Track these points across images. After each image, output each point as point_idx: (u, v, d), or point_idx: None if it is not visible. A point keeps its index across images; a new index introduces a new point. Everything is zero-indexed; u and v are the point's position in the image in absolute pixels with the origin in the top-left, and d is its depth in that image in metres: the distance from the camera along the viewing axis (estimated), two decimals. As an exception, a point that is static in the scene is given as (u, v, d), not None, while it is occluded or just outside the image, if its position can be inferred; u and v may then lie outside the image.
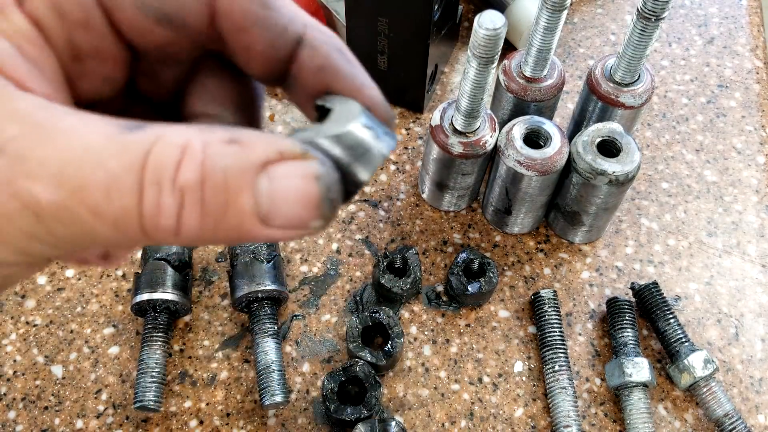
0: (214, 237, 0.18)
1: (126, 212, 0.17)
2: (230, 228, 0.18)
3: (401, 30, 0.54)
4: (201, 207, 0.17)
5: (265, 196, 0.17)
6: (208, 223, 0.17)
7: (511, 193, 0.50)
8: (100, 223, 0.17)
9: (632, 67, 0.48)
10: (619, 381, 0.46)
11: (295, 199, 0.18)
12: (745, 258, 0.54)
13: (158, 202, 0.17)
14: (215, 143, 0.17)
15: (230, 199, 0.17)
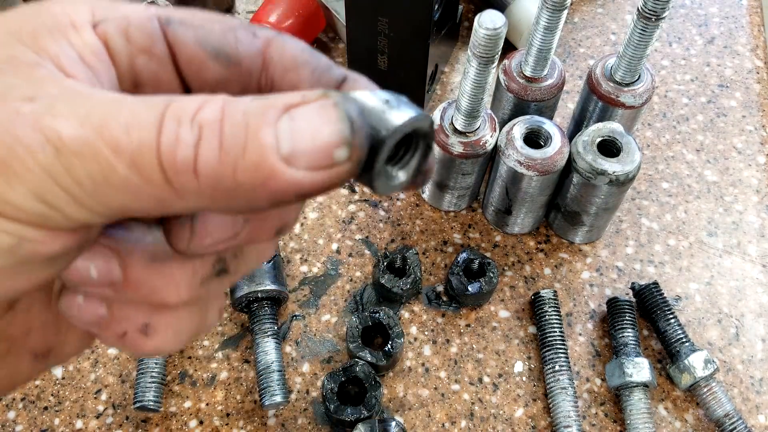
0: (233, 178, 0.17)
1: (143, 145, 0.17)
2: (251, 166, 0.17)
3: (401, 30, 0.54)
4: (219, 139, 0.17)
5: (286, 132, 0.17)
6: (227, 158, 0.17)
7: (512, 193, 0.50)
8: (117, 159, 0.17)
9: (632, 66, 0.48)
10: (620, 381, 0.46)
11: (317, 129, 0.17)
12: (746, 258, 0.54)
13: (176, 135, 0.17)
14: (236, 100, 0.18)
15: (250, 134, 0.17)
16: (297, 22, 0.61)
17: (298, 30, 0.61)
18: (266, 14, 0.61)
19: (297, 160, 0.17)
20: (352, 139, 0.18)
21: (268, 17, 0.61)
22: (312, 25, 0.63)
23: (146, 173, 0.17)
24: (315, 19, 0.63)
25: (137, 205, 0.18)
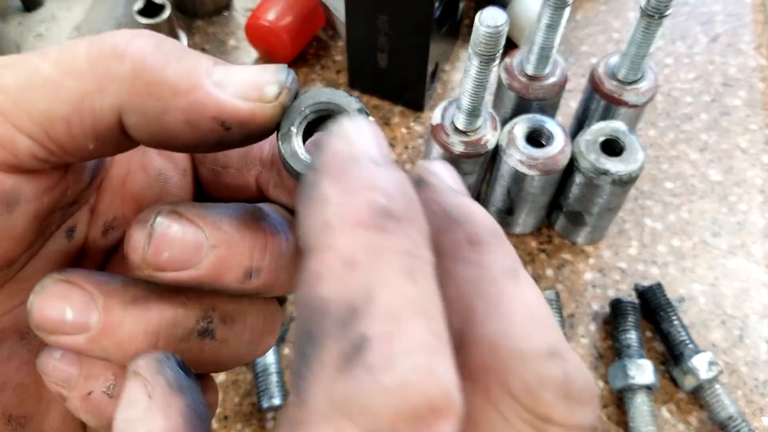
0: (162, 73, 0.17)
1: (72, 42, 0.18)
2: (182, 70, 0.17)
3: (401, 27, 0.53)
4: (158, 40, 0.18)
5: (222, 69, 0.18)
6: (160, 53, 0.17)
7: (513, 193, 0.50)
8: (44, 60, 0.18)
9: (636, 64, 0.48)
10: (623, 383, 0.45)
11: (251, 70, 0.18)
12: (750, 259, 0.53)
13: (110, 34, 0.18)
14: None
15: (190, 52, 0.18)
16: (296, 20, 0.60)
17: (297, 27, 0.61)
18: (264, 11, 0.60)
19: (226, 86, 0.18)
20: (285, 83, 0.18)
21: (266, 15, 0.60)
22: (311, 22, 0.63)
23: (68, 64, 0.17)
24: (314, 17, 0.63)
25: (59, 107, 0.17)
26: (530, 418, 0.14)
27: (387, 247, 0.13)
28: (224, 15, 0.68)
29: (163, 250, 0.19)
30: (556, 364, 0.15)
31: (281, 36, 0.60)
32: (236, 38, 0.66)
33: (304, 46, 0.64)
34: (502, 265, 0.16)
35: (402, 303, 0.13)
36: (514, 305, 0.15)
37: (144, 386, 0.18)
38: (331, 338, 0.13)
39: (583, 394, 0.15)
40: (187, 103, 0.17)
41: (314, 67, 0.64)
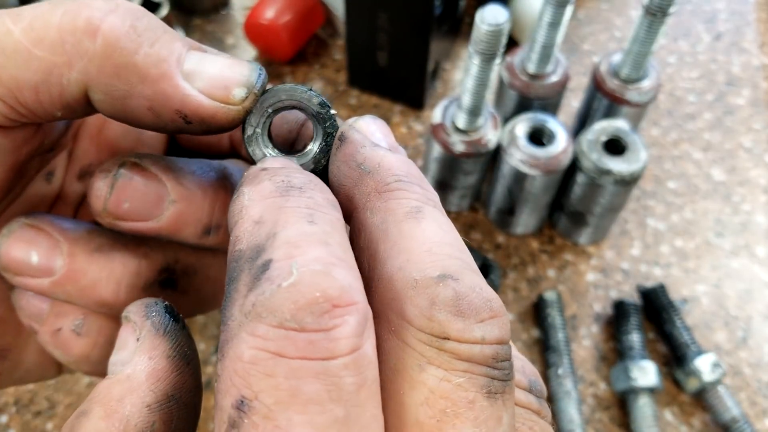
0: (132, 57, 0.17)
1: (45, 9, 0.17)
2: (150, 56, 0.17)
3: (401, 25, 0.53)
4: (134, 19, 0.17)
5: (195, 57, 0.18)
6: (133, 35, 0.17)
7: (515, 193, 0.49)
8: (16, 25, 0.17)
9: (638, 63, 0.47)
10: (625, 385, 0.45)
11: (223, 64, 0.18)
12: (754, 259, 0.53)
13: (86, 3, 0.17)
14: None
15: (165, 35, 0.18)
16: (295, 18, 0.60)
17: (296, 26, 0.60)
18: (263, 10, 0.60)
19: (195, 80, 0.18)
20: (254, 87, 0.18)
21: (265, 13, 0.59)
22: (310, 20, 0.62)
23: (39, 32, 0.17)
24: (313, 15, 0.62)
25: (28, 75, 0.17)
26: (428, 339, 0.15)
27: (288, 205, 0.16)
28: (222, 13, 0.68)
29: (124, 201, 0.20)
30: (447, 286, 0.16)
31: (280, 34, 0.59)
32: (234, 36, 0.66)
33: (303, 45, 0.64)
34: (405, 206, 0.17)
35: (301, 236, 0.15)
36: (412, 241, 0.17)
37: (133, 330, 0.18)
38: (244, 272, 0.15)
39: (478, 308, 0.16)
40: (152, 91, 0.17)
41: (313, 66, 0.64)
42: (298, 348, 0.14)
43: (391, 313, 0.16)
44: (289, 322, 0.14)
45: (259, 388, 0.13)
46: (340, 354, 0.14)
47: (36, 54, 0.17)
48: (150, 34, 0.17)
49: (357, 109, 0.61)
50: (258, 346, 0.14)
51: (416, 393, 0.15)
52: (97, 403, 0.17)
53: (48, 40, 0.17)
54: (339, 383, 0.14)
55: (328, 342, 0.14)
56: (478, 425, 0.15)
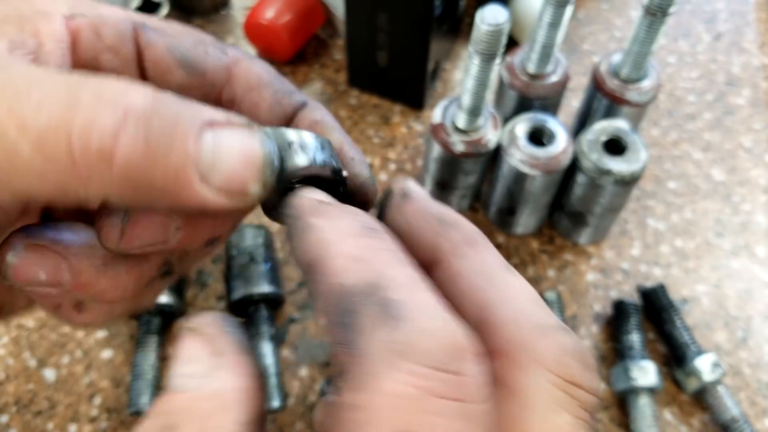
0: (147, 176, 0.17)
1: (52, 123, 0.16)
2: (167, 171, 0.17)
3: (401, 25, 0.53)
4: (145, 133, 0.16)
5: (209, 147, 0.17)
6: (149, 153, 0.16)
7: (515, 193, 0.49)
8: (22, 137, 0.16)
9: (638, 63, 0.47)
10: (625, 385, 0.45)
11: (238, 155, 0.18)
12: (754, 260, 0.53)
13: (94, 115, 0.16)
14: (168, 95, 0.18)
15: (178, 136, 0.17)
16: (295, 18, 0.60)
17: (296, 26, 0.60)
18: (263, 10, 0.60)
19: (212, 179, 0.17)
20: (269, 182, 0.18)
21: (265, 13, 0.59)
22: (310, 20, 0.62)
23: (51, 154, 0.16)
24: (313, 15, 0.62)
25: (41, 190, 0.17)
26: (561, 383, 0.17)
27: (381, 247, 0.17)
28: (222, 13, 0.68)
29: (135, 240, 0.20)
30: (569, 336, 0.17)
31: (280, 34, 0.59)
32: (234, 36, 0.66)
33: (303, 45, 0.64)
34: (497, 259, 0.19)
35: (405, 279, 0.16)
36: (519, 291, 0.18)
37: (206, 343, 0.18)
38: (364, 306, 0.16)
39: (591, 362, 0.17)
40: (172, 200, 0.17)
41: (313, 66, 0.64)
42: (448, 389, 0.15)
43: (520, 353, 0.17)
44: (441, 363, 0.15)
45: (416, 423, 0.14)
46: (481, 399, 0.15)
47: (49, 174, 0.16)
48: (164, 140, 0.17)
49: (357, 109, 0.61)
50: (411, 383, 0.15)
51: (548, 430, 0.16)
52: (186, 419, 0.16)
53: (62, 163, 0.16)
54: (480, 422, 0.15)
55: (472, 386, 0.15)
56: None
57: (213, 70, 0.24)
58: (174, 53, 0.23)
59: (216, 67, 0.24)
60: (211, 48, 0.24)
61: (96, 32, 0.22)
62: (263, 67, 0.24)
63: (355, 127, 0.60)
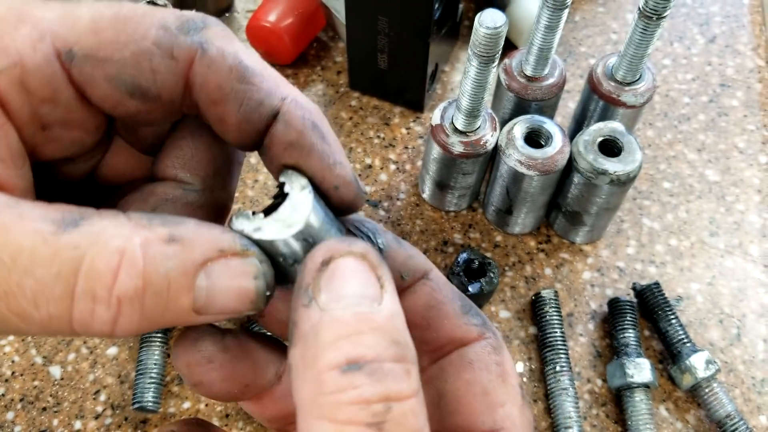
0: (146, 331, 0.19)
1: (54, 319, 0.17)
2: (163, 322, 0.18)
3: (401, 29, 0.54)
4: (140, 312, 0.17)
5: (203, 294, 0.18)
6: (145, 323, 0.18)
7: (512, 193, 0.50)
8: (27, 325, 0.17)
9: (634, 66, 0.48)
10: (621, 382, 0.46)
11: (232, 296, 0.19)
12: (747, 258, 0.54)
13: (92, 312, 0.17)
14: (155, 243, 0.17)
15: (171, 299, 0.18)
16: (296, 21, 0.61)
17: (298, 29, 0.61)
18: (265, 13, 0.60)
19: (207, 312, 0.19)
20: (263, 306, 0.19)
21: (267, 16, 0.60)
22: (312, 24, 0.63)
23: (57, 333, 0.17)
24: (315, 18, 0.63)
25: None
26: None
27: None
28: (225, 16, 0.69)
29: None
30: None
31: (282, 37, 0.60)
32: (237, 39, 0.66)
33: (305, 48, 0.64)
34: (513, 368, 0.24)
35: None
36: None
37: (372, 268, 0.19)
38: None
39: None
40: (173, 325, 0.19)
41: (315, 68, 0.64)
42: None
43: None
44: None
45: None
46: None
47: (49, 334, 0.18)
48: (158, 311, 0.18)
49: (358, 111, 0.62)
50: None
51: None
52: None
53: (66, 334, 0.18)
54: None
55: None
56: None
57: (167, 91, 0.20)
58: (118, 84, 0.20)
59: (168, 83, 0.20)
60: (157, 60, 0.20)
61: (22, 87, 0.19)
62: (223, 67, 0.20)
63: (356, 129, 0.60)
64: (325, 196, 0.22)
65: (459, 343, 0.24)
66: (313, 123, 0.21)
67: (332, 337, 0.17)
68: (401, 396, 0.17)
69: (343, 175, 0.22)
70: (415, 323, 0.24)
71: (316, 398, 0.17)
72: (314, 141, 0.21)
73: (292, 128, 0.21)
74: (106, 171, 0.25)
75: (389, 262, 0.23)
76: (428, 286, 0.24)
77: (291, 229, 0.20)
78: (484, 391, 0.23)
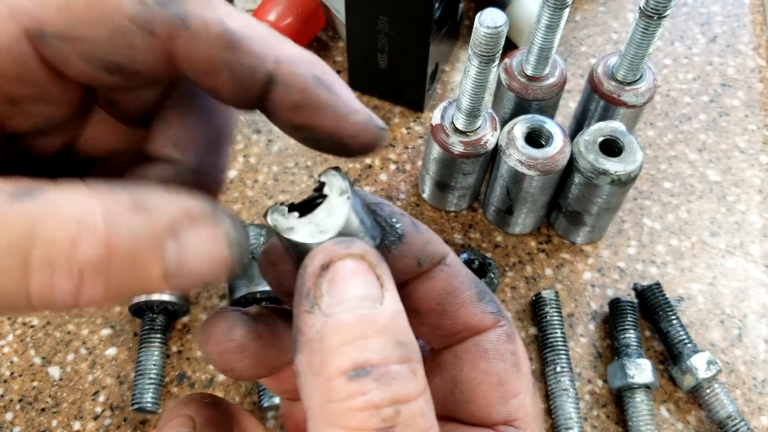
0: (115, 301, 0.18)
1: (9, 293, 0.16)
2: (133, 291, 0.17)
3: (402, 28, 0.53)
4: (105, 282, 0.17)
5: (173, 260, 0.17)
6: (112, 293, 0.17)
7: (513, 193, 0.50)
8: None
9: (634, 65, 0.48)
10: (622, 382, 0.46)
11: (204, 262, 0.18)
12: (748, 258, 0.54)
13: (51, 283, 0.16)
14: (118, 212, 0.16)
15: (138, 269, 0.17)
16: (296, 21, 0.61)
17: (298, 28, 0.61)
18: (265, 12, 0.60)
19: (178, 281, 0.18)
20: (238, 272, 0.19)
21: (267, 16, 0.60)
22: (311, 23, 0.63)
23: (14, 309, 0.17)
24: (314, 18, 0.63)
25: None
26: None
27: None
28: (224, 16, 0.68)
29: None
30: None
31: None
32: (236, 39, 0.66)
33: (305, 47, 0.64)
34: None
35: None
36: None
37: (370, 269, 0.19)
38: None
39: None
40: (143, 293, 0.19)
41: (314, 68, 0.64)
42: None
43: None
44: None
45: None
46: None
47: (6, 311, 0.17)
48: (126, 280, 0.17)
49: (357, 111, 0.61)
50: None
51: None
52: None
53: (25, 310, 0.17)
54: None
55: None
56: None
57: (147, 63, 0.19)
58: (94, 62, 0.19)
59: (148, 58, 0.19)
60: (133, 37, 0.18)
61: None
62: (208, 38, 0.19)
63: (356, 129, 0.60)
64: (346, 146, 0.21)
65: (474, 331, 0.24)
66: (316, 77, 0.20)
67: (337, 342, 0.17)
68: (409, 397, 0.17)
69: (360, 121, 0.20)
70: (431, 309, 0.24)
71: (326, 405, 0.17)
72: (321, 96, 0.20)
73: (294, 89, 0.19)
74: (86, 144, 0.23)
75: (407, 248, 0.22)
76: (445, 272, 0.23)
77: (323, 235, 0.20)
78: (500, 381, 0.23)
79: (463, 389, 0.23)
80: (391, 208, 0.23)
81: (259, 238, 0.49)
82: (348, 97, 0.20)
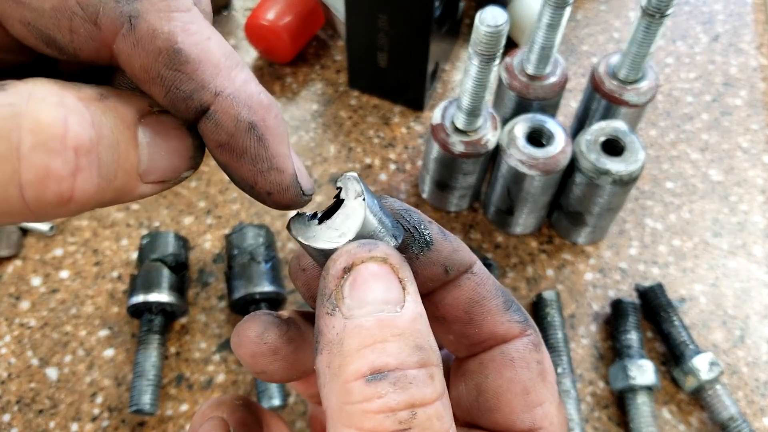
0: (99, 202, 0.17)
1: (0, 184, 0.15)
2: (119, 189, 0.18)
3: (402, 27, 0.53)
4: (98, 167, 0.16)
5: (144, 150, 0.18)
6: (103, 183, 0.17)
7: (514, 193, 0.49)
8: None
9: (636, 64, 0.47)
10: (623, 384, 0.45)
11: (171, 152, 0.18)
12: (751, 259, 0.53)
13: (46, 168, 0.15)
14: (91, 101, 0.17)
15: (121, 157, 0.17)
16: (295, 19, 0.60)
17: (297, 27, 0.61)
18: (264, 11, 0.60)
19: (150, 176, 0.18)
20: (199, 158, 0.19)
21: (266, 14, 0.60)
22: (311, 22, 0.62)
23: (6, 213, 0.16)
24: (314, 16, 0.62)
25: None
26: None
27: None
28: (224, 14, 0.68)
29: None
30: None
31: (281, 35, 0.60)
32: (236, 38, 0.66)
33: (304, 46, 0.64)
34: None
35: None
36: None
37: (394, 272, 0.19)
38: None
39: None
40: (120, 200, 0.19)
41: (314, 67, 0.64)
42: None
43: None
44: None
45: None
46: None
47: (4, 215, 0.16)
48: (113, 166, 0.17)
49: (357, 110, 0.61)
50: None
51: None
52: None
53: (16, 213, 0.16)
54: None
55: None
56: None
57: (86, 51, 0.18)
58: (32, 30, 0.18)
59: (88, 47, 0.18)
60: (77, 22, 0.17)
61: None
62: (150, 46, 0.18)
63: (356, 128, 0.60)
64: (259, 200, 0.21)
65: (500, 340, 0.24)
66: (250, 123, 0.19)
67: (356, 345, 0.18)
68: (426, 401, 0.17)
69: (278, 182, 0.20)
70: (457, 318, 0.24)
71: (344, 407, 0.17)
72: (246, 145, 0.19)
73: (222, 129, 0.19)
74: None
75: (434, 255, 0.22)
76: (473, 281, 0.23)
77: (342, 238, 0.20)
78: (525, 390, 0.23)
79: (488, 397, 0.23)
80: (420, 215, 0.23)
81: (258, 239, 0.49)
82: (278, 152, 0.20)
